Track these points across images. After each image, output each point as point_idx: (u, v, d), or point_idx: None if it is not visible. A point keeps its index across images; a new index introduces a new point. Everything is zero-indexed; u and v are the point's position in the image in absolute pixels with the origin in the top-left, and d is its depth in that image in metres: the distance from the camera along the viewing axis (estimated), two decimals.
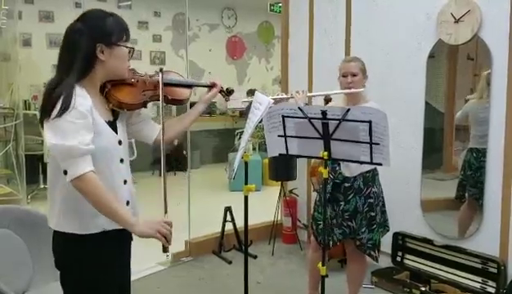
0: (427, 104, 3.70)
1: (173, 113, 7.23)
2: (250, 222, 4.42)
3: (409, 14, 3.64)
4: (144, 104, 1.89)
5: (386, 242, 3.70)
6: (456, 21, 3.35)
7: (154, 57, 7.73)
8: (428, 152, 3.77)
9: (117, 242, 1.81)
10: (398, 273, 3.60)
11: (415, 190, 3.66)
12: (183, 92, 2.01)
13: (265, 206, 4.79)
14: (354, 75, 2.83)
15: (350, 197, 2.82)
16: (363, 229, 2.82)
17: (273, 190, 4.68)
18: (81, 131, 1.61)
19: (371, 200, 2.83)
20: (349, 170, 2.81)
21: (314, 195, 3.36)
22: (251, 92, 7.84)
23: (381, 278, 3.54)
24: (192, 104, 2.19)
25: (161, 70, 1.92)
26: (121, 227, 1.71)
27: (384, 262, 3.72)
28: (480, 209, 3.32)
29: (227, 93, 2.19)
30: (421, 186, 3.65)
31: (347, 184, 2.82)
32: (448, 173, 3.78)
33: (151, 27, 7.75)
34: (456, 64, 3.66)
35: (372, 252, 2.86)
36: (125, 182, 1.83)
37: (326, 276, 3.51)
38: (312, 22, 4.35)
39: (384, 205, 2.94)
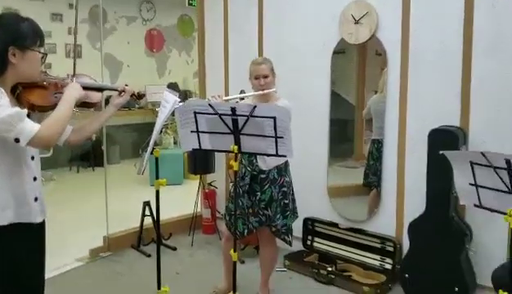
0: (339, 96, 3.99)
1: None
2: (171, 215, 4.60)
3: (315, 14, 3.89)
4: (55, 107, 1.94)
5: (297, 228, 3.96)
6: (356, 22, 3.65)
7: (69, 50, 7.50)
8: (340, 142, 4.07)
9: (26, 237, 1.86)
10: (308, 256, 3.88)
11: (323, 178, 3.94)
12: (95, 96, 2.08)
13: (186, 198, 4.90)
14: (266, 77, 3.01)
15: (266, 187, 3.01)
16: (278, 216, 3.02)
17: (194, 183, 4.80)
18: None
19: (285, 189, 3.05)
20: (265, 164, 2.99)
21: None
22: (172, 86, 7.87)
23: (293, 261, 3.79)
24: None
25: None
26: (30, 221, 1.79)
27: (296, 246, 3.96)
28: (379, 193, 3.66)
29: (138, 97, 2.28)
30: (328, 174, 3.93)
31: (262, 176, 3.01)
32: (358, 161, 4.07)
33: (66, 19, 7.50)
34: (366, 59, 3.94)
35: (286, 237, 3.08)
36: (35, 179, 1.90)
37: (243, 262, 3.73)
38: (226, 19, 4.50)
39: (293, 193, 3.16)
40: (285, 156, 2.50)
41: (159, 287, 2.45)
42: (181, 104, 2.36)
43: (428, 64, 3.33)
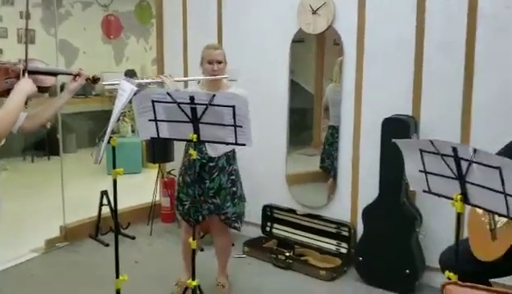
0: (298, 85, 4.05)
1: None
2: (129, 204, 4.56)
3: (274, 4, 3.92)
4: (7, 92, 1.90)
5: (256, 214, 4.05)
6: (314, 12, 3.71)
7: (21, 35, 7.23)
8: (299, 130, 4.14)
9: None
10: (267, 242, 3.96)
11: (282, 166, 4.02)
12: (48, 80, 2.05)
13: (145, 187, 4.87)
14: (219, 62, 3.01)
15: (215, 175, 3.02)
16: (228, 204, 3.05)
17: (153, 172, 4.77)
18: None
19: (233, 177, 3.08)
20: (215, 150, 3.00)
21: None
22: (129, 73, 7.74)
23: (252, 247, 3.86)
24: None
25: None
26: None
27: (255, 233, 4.07)
28: (335, 180, 3.77)
29: (93, 81, 2.25)
30: (287, 162, 4.01)
31: (212, 164, 3.01)
32: (317, 149, 4.15)
33: (18, 3, 7.21)
34: (324, 48, 4.01)
35: (236, 224, 3.11)
36: None
37: (202, 250, 3.76)
38: (185, 6, 4.46)
39: (240, 180, 3.17)
40: (244, 145, 2.52)
41: (117, 276, 2.45)
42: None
43: (382, 54, 3.44)
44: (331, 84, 3.88)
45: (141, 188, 5.12)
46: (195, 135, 2.54)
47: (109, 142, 2.32)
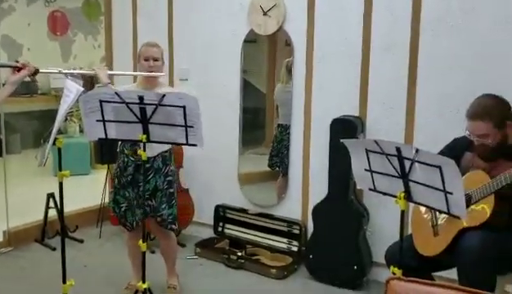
0: (250, 85, 4.07)
1: None
2: (78, 206, 4.43)
3: (225, 3, 3.92)
4: None
5: (209, 215, 4.04)
6: (265, 14, 3.74)
7: None
8: (251, 129, 4.16)
9: None
10: (219, 242, 3.95)
11: (234, 166, 4.03)
12: None
13: (94, 189, 4.74)
14: (156, 60, 2.96)
15: (150, 177, 2.93)
16: (163, 206, 2.98)
17: (102, 173, 4.65)
18: None
19: (170, 178, 3.01)
20: (151, 150, 2.89)
21: None
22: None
23: (203, 248, 3.84)
24: None
25: None
26: None
27: (207, 233, 4.06)
28: (285, 178, 3.82)
29: (33, 73, 2.17)
30: (239, 161, 4.02)
31: (147, 165, 2.90)
32: (269, 148, 4.16)
33: None
34: (276, 49, 4.05)
35: (173, 226, 3.05)
36: None
37: (153, 252, 3.71)
38: (135, 3, 4.39)
39: (175, 182, 3.13)
40: (195, 145, 2.51)
41: (64, 281, 2.38)
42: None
43: (331, 56, 3.51)
44: (279, 85, 3.93)
45: (89, 189, 4.98)
46: (144, 136, 2.52)
47: (54, 143, 2.25)
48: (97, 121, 2.50)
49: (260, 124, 4.36)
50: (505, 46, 2.91)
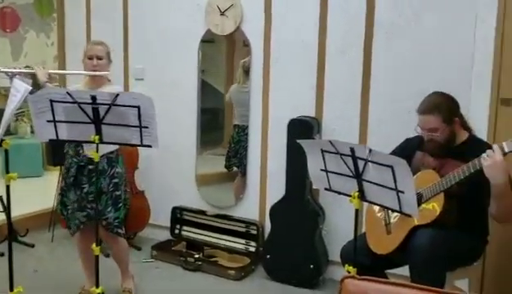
0: (209, 85, 4.03)
1: None
2: (29, 210, 4.26)
3: (182, 3, 3.87)
4: None
5: (165, 217, 3.99)
6: (222, 14, 3.72)
7: None
8: (210, 130, 4.13)
9: None
10: (176, 245, 3.90)
11: (191, 167, 3.99)
12: None
13: (46, 191, 4.58)
14: (100, 58, 2.90)
15: (94, 179, 2.80)
16: (109, 209, 2.89)
17: (55, 175, 4.50)
18: None
19: (116, 180, 2.92)
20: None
21: None
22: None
23: (160, 250, 3.78)
24: None
25: None
26: None
27: (163, 236, 4.00)
28: (243, 179, 3.81)
29: None
30: (197, 162, 3.99)
31: (91, 167, 2.81)
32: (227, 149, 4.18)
33: None
34: (234, 49, 4.03)
35: (119, 230, 2.97)
36: None
37: (107, 255, 3.62)
38: (88, 1, 4.28)
39: (126, 185, 3.06)
40: (150, 146, 2.47)
41: (11, 289, 2.28)
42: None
43: (288, 57, 3.53)
44: (234, 85, 3.92)
45: (41, 192, 4.81)
46: (97, 137, 2.46)
47: (0, 145, 2.16)
48: (48, 121, 2.43)
49: (218, 125, 4.33)
50: (453, 48, 3.02)
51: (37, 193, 4.74)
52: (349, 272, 2.14)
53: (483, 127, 2.78)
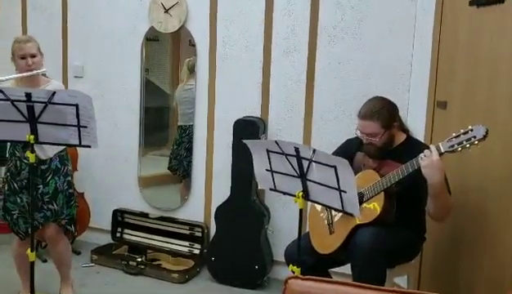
0: (153, 84, 3.93)
1: None
2: None
3: None
4: None
5: (106, 220, 3.86)
6: (166, 11, 3.65)
7: None
8: (154, 130, 4.03)
9: None
10: (118, 248, 3.78)
11: (134, 168, 3.88)
12: None
13: None
14: (34, 56, 2.72)
15: (49, 179, 2.78)
16: (64, 208, 2.85)
17: None
18: None
19: (69, 178, 2.89)
20: (44, 152, 2.74)
21: None
22: None
23: (100, 254, 3.65)
24: None
25: None
26: None
27: (104, 239, 3.87)
28: (187, 180, 3.76)
29: None
30: (140, 164, 3.88)
31: (43, 167, 2.76)
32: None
33: None
34: (180, 48, 3.96)
35: (70, 227, 2.91)
36: None
37: (45, 261, 3.46)
38: None
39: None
40: (89, 146, 2.38)
41: None
42: None
43: (233, 58, 3.52)
44: (180, 85, 3.86)
45: None
46: (32, 136, 2.35)
47: None
48: None
49: (163, 125, 4.24)
50: (392, 53, 3.12)
51: None
52: (293, 272, 2.16)
53: (421, 129, 2.88)
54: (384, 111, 2.35)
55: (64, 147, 2.83)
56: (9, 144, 2.85)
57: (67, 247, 3.02)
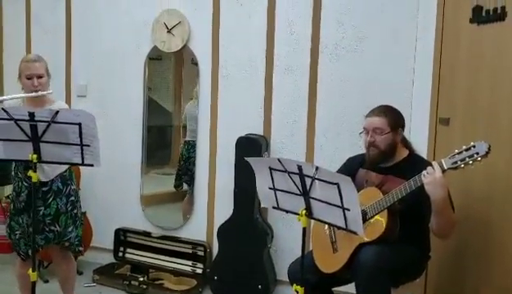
0: (156, 103, 3.95)
1: None
2: None
3: (128, 18, 3.81)
4: None
5: (108, 239, 3.84)
6: (169, 31, 3.69)
7: None
8: (156, 149, 4.03)
9: None
10: (120, 268, 3.76)
11: (137, 187, 3.87)
12: None
13: None
14: (40, 77, 2.69)
15: (50, 200, 2.74)
16: (70, 229, 2.80)
17: None
18: None
19: (73, 198, 2.83)
20: (45, 174, 2.71)
21: None
22: None
23: (102, 274, 3.62)
24: None
25: None
26: None
27: (106, 259, 3.84)
28: (191, 197, 3.74)
29: None
30: (143, 182, 3.88)
31: (45, 188, 2.72)
32: (175, 168, 4.06)
33: None
34: (183, 67, 3.99)
35: (80, 248, 2.90)
36: None
37: (46, 281, 3.43)
38: (29, 13, 4.13)
39: (79, 200, 2.96)
40: (92, 165, 2.37)
41: None
42: None
43: (236, 75, 3.54)
44: (191, 101, 3.86)
45: None
46: (35, 156, 2.34)
47: None
48: None
49: (166, 143, 4.25)
50: (394, 70, 3.13)
51: None
52: (297, 291, 2.13)
53: (424, 146, 2.87)
54: (392, 113, 2.41)
55: (66, 167, 2.80)
56: (14, 164, 2.83)
57: (73, 268, 2.99)
